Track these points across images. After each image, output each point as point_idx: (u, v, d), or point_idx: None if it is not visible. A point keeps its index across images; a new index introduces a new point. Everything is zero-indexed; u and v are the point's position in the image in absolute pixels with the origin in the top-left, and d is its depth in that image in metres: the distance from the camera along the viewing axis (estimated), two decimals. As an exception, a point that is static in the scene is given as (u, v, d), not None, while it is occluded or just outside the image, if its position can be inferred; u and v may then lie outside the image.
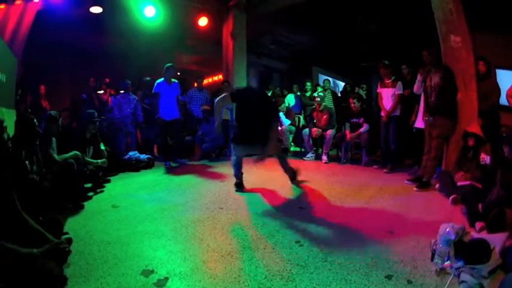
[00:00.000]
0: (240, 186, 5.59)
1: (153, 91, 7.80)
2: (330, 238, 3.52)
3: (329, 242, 3.40)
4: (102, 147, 6.34)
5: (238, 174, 5.68)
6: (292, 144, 10.28)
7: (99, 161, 5.94)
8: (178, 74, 14.75)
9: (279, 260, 2.98)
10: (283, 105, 9.76)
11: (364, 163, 7.89)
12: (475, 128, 5.00)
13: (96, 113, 6.31)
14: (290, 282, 2.61)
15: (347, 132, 8.18)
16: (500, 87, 6.27)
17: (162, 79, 7.75)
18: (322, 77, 14.68)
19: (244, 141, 5.43)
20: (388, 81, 7.07)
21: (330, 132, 8.36)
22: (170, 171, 7.36)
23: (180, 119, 8.05)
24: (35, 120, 4.15)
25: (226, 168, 7.37)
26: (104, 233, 3.68)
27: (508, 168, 3.86)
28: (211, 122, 9.08)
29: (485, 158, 4.63)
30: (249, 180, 5.83)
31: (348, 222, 4.03)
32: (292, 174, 5.87)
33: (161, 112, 7.76)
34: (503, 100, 6.30)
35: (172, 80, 7.82)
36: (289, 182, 5.62)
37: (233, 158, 5.70)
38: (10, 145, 3.79)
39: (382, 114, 7.11)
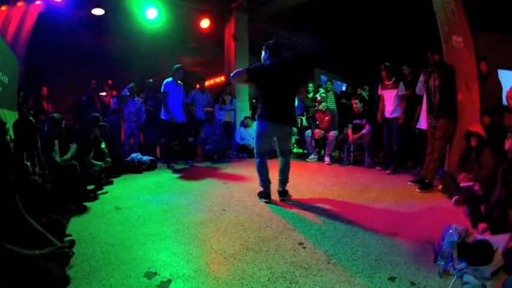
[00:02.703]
0: (267, 197, 5.01)
1: (162, 89, 7.73)
2: (333, 240, 3.51)
3: (332, 244, 3.39)
4: (103, 145, 6.41)
5: (266, 182, 5.04)
6: (295, 145, 10.28)
7: (103, 163, 5.99)
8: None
9: (282, 262, 2.98)
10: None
11: (367, 164, 7.89)
12: (477, 128, 4.99)
13: (101, 117, 6.35)
14: (293, 285, 2.61)
15: (349, 133, 8.18)
16: (502, 87, 6.27)
17: (171, 79, 7.73)
18: (324, 79, 14.70)
19: (276, 118, 4.82)
20: (389, 83, 7.07)
21: (333, 133, 8.37)
22: (173, 173, 7.36)
23: (186, 121, 8.06)
24: (33, 120, 4.14)
25: (229, 170, 7.39)
26: (107, 234, 3.68)
27: (509, 168, 3.85)
28: (214, 124, 9.10)
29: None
30: (251, 182, 5.83)
31: (351, 224, 4.03)
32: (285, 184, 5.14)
33: (173, 113, 7.70)
34: (503, 101, 6.30)
35: (179, 81, 7.82)
36: (291, 182, 5.51)
37: (256, 160, 5.06)
38: (12, 147, 3.79)
39: (386, 115, 7.10)
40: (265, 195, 5.03)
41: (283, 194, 5.07)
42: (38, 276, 2.29)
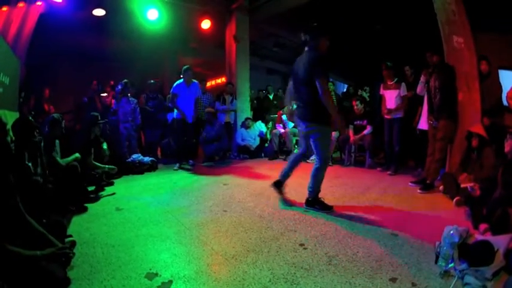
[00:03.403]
0: (278, 186, 4.92)
1: (171, 92, 7.82)
2: (334, 241, 3.50)
3: (333, 245, 3.39)
4: (105, 146, 6.45)
5: (286, 174, 4.96)
6: (296, 146, 10.28)
7: (107, 166, 6.04)
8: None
9: (283, 263, 2.98)
10: (286, 107, 9.74)
11: (368, 165, 7.89)
12: (478, 128, 4.98)
13: (99, 116, 6.37)
14: (294, 286, 2.61)
15: (351, 134, 8.17)
16: (502, 87, 6.26)
17: (181, 80, 7.79)
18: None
19: (296, 112, 4.71)
20: (391, 83, 7.07)
21: (334, 134, 8.35)
22: (174, 174, 7.36)
23: (193, 121, 8.11)
24: (32, 120, 4.13)
25: (230, 171, 7.38)
26: (108, 235, 3.68)
27: (508, 167, 3.85)
28: (215, 125, 9.08)
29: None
30: (252, 183, 5.82)
31: (352, 224, 4.03)
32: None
33: (185, 113, 7.79)
34: (503, 101, 6.29)
35: (193, 80, 7.87)
36: (293, 184, 5.48)
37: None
38: (13, 148, 3.79)
39: (386, 116, 7.10)
40: (276, 182, 4.95)
41: (308, 202, 4.74)
42: (39, 277, 2.30)
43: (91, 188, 5.45)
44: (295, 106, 4.73)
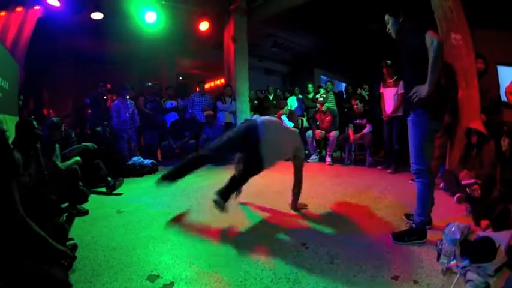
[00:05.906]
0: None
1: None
2: (336, 240, 3.50)
3: (335, 244, 3.38)
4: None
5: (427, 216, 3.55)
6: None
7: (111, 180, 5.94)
8: (180, 78, 14.87)
9: (284, 263, 2.98)
10: (286, 107, 9.74)
11: (368, 164, 7.89)
12: (477, 125, 4.98)
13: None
14: (296, 285, 2.60)
15: (350, 133, 8.18)
16: (501, 83, 6.27)
17: None
18: (324, 79, 14.70)
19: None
20: (391, 81, 7.09)
21: (333, 133, 8.37)
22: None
23: None
24: (34, 123, 4.11)
25: (230, 172, 7.37)
26: (109, 238, 3.68)
27: (506, 166, 3.85)
28: (214, 126, 9.09)
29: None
30: (252, 184, 5.83)
31: (353, 223, 4.03)
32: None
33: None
34: (502, 97, 6.29)
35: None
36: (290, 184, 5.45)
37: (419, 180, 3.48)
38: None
39: (383, 116, 7.12)
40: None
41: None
42: (40, 280, 2.29)
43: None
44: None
